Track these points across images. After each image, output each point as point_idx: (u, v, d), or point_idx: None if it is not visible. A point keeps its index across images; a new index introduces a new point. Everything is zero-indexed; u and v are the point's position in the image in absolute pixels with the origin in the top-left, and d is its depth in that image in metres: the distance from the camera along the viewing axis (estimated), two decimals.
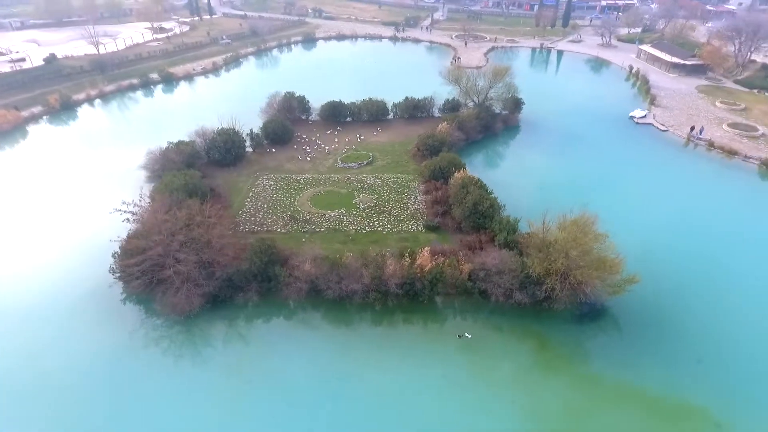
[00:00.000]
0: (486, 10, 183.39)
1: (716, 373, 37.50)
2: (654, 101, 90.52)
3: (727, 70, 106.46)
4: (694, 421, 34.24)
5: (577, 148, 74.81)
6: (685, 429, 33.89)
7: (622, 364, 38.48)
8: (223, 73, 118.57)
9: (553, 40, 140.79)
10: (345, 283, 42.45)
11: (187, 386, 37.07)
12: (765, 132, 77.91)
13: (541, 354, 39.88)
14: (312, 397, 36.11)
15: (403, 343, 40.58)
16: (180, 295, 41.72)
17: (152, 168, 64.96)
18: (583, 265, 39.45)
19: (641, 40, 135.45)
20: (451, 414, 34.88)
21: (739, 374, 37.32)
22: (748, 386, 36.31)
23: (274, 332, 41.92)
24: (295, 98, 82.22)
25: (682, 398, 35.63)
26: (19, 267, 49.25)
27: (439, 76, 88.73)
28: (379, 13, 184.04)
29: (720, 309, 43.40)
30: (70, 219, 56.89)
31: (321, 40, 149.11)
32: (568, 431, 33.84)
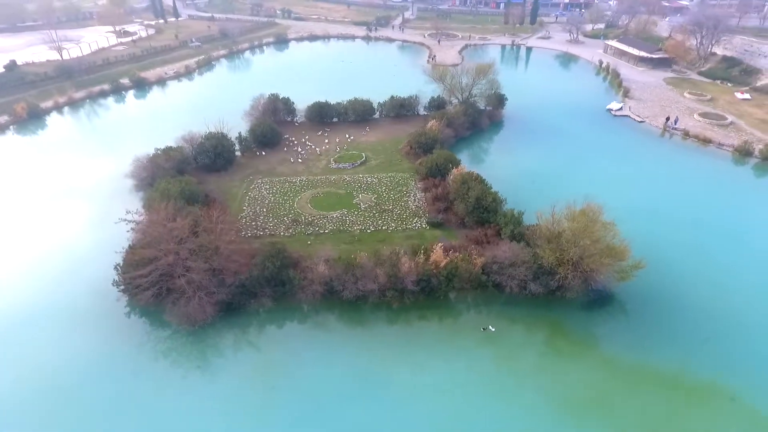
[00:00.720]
0: (454, 9, 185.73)
1: (724, 350, 39.41)
2: (628, 94, 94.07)
3: (690, 62, 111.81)
4: (709, 397, 35.90)
5: (562, 140, 76.93)
6: (702, 405, 35.49)
7: (635, 346, 39.94)
8: (197, 76, 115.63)
9: (523, 37, 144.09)
10: (361, 283, 42.28)
11: (209, 397, 36.09)
12: (734, 121, 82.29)
13: (559, 341, 40.95)
14: (339, 400, 35.87)
15: (425, 339, 40.84)
16: (192, 305, 40.56)
17: (139, 176, 62.78)
18: (595, 253, 40.66)
19: (606, 36, 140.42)
20: (481, 405, 35.36)
21: (745, 349, 39.37)
22: (755, 360, 38.34)
23: (293, 336, 41.38)
24: (280, 100, 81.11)
25: (695, 376, 37.29)
26: (11, 287, 46.66)
27: (418, 75, 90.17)
28: (349, 12, 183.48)
29: (717, 289, 45.54)
30: (57, 234, 54.43)
31: (293, 41, 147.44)
32: (595, 414, 34.86)
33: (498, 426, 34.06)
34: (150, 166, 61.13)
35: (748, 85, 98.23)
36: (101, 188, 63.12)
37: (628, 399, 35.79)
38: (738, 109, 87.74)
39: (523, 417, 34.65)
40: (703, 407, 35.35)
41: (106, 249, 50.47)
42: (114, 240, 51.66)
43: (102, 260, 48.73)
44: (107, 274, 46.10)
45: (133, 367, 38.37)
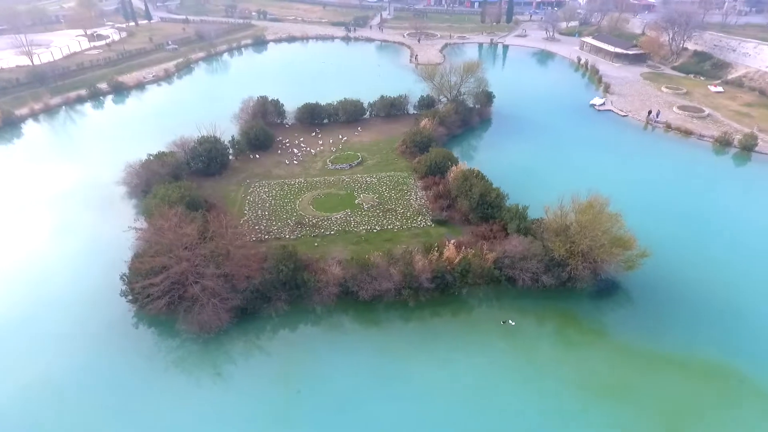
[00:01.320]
0: (430, 9, 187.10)
1: (728, 333, 41.01)
2: (608, 89, 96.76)
3: (664, 57, 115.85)
4: (720, 378, 37.32)
5: (551, 136, 78.57)
6: (714, 386, 36.89)
7: (645, 332, 41.20)
8: (176, 80, 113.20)
9: (501, 36, 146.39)
10: (377, 283, 42.28)
11: (233, 403, 35.51)
12: (710, 113, 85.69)
13: (573, 330, 41.95)
14: (365, 398, 35.93)
15: (443, 335, 41.18)
16: (207, 312, 39.79)
17: (132, 183, 61.10)
18: (604, 244, 41.78)
19: (580, 33, 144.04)
20: (504, 396, 35.95)
21: (748, 332, 41.06)
22: (759, 341, 40.05)
23: (311, 339, 41.08)
24: (270, 102, 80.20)
25: (704, 359, 38.72)
26: (6, 304, 44.81)
27: (403, 74, 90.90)
28: (325, 13, 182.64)
29: (711, 274, 47.26)
30: (51, 246, 52.69)
31: (271, 43, 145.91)
32: (614, 398, 35.82)
33: (523, 415, 34.64)
34: (144, 173, 59.47)
35: (719, 79, 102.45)
36: (90, 197, 61.22)
37: (643, 382, 36.91)
38: (713, 102, 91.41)
39: (547, 405, 35.36)
40: (714, 388, 36.75)
41: (104, 259, 49.51)
42: (111, 249, 50.77)
43: (101, 271, 47.80)
44: (109, 284, 45.21)
45: (148, 378, 37.47)
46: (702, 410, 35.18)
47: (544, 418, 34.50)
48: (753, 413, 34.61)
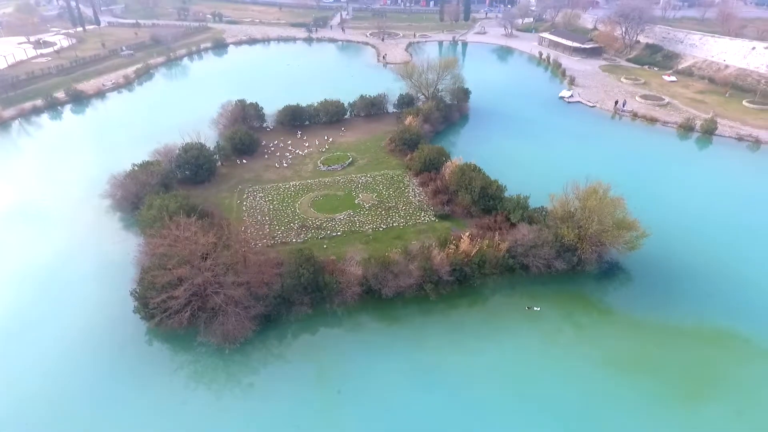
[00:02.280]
0: (388, 8, 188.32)
1: (728, 301, 44.20)
2: (574, 82, 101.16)
3: (618, 50, 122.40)
4: (727, 342, 40.26)
5: (529, 128, 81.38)
6: (723, 350, 39.71)
7: (654, 307, 43.70)
8: (138, 86, 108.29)
9: (462, 33, 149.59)
10: (399, 280, 42.55)
11: (273, 411, 34.88)
12: (670, 101, 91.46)
13: (588, 311, 43.90)
14: (403, 392, 36.14)
15: (469, 326, 42.01)
16: (230, 322, 38.75)
17: (116, 195, 58.23)
18: (611, 227, 43.98)
19: (536, 29, 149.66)
20: (535, 379, 37.15)
21: (745, 297, 44.46)
22: (757, 305, 43.48)
23: (338, 339, 40.80)
24: (250, 105, 78.45)
25: (711, 327, 41.59)
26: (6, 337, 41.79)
27: (374, 74, 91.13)
28: (282, 14, 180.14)
29: (698, 248, 50.74)
30: (38, 269, 49.21)
31: (232, 45, 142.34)
32: (639, 370, 37.80)
33: (557, 394, 35.96)
34: (131, 184, 56.68)
35: (671, 69, 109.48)
36: (69, 213, 57.86)
37: (659, 354, 39.22)
38: (669, 90, 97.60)
39: (577, 384, 36.87)
40: (724, 352, 39.57)
41: (101, 278, 47.27)
42: (106, 267, 48.67)
43: (100, 290, 45.71)
44: (113, 303, 43.62)
45: (179, 396, 36.05)
46: (716, 374, 37.77)
47: (577, 395, 35.98)
48: (761, 372, 37.55)
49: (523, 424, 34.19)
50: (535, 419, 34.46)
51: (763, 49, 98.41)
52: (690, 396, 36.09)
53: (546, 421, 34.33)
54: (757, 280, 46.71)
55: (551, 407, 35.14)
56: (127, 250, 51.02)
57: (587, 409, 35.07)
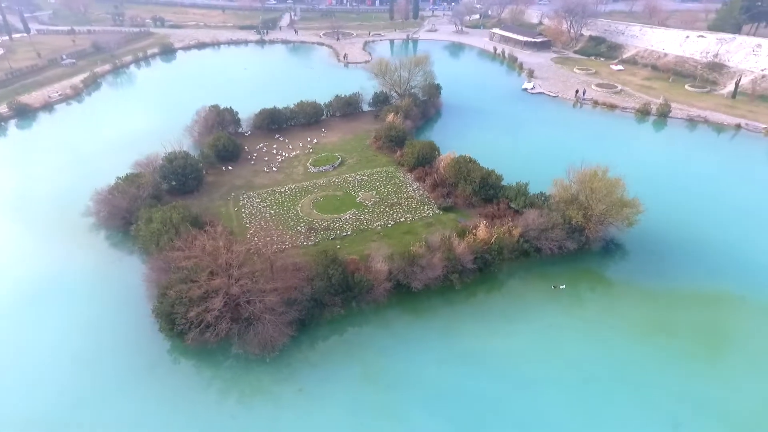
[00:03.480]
0: (336, 8, 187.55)
1: (715, 265, 48.62)
2: (532, 74, 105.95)
3: (565, 43, 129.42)
4: (726, 302, 44.35)
5: (502, 120, 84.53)
6: (724, 308, 43.73)
7: (656, 276, 47.34)
8: (87, 97, 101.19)
9: (414, 31, 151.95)
10: (427, 272, 43.23)
11: (328, 413, 34.60)
12: (622, 88, 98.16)
13: (602, 285, 46.93)
14: (451, 380, 37.13)
15: (495, 310, 43.67)
16: (267, 330, 37.80)
17: (100, 212, 54.72)
18: (616, 206, 47.01)
19: (484, 26, 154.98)
20: (569, 352, 39.56)
21: (728, 259, 49.15)
22: (747, 267, 48.09)
23: (375, 337, 40.96)
24: (226, 110, 75.94)
25: (710, 290, 45.61)
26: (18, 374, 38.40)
27: (334, 73, 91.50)
28: (227, 17, 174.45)
29: (685, 220, 55.32)
30: (42, 298, 45.53)
31: (180, 51, 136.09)
32: (656, 336, 40.86)
33: (591, 364, 38.34)
34: (119, 199, 53.32)
35: (616, 59, 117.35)
36: (51, 236, 53.48)
37: (672, 317, 42.78)
38: (619, 78, 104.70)
39: (607, 351, 39.51)
40: (725, 310, 43.61)
41: (107, 300, 44.72)
42: (107, 289, 46.22)
43: (110, 313, 43.09)
44: (126, 324, 41.84)
45: (228, 411, 34.82)
46: (723, 331, 41.63)
47: (610, 362, 38.57)
48: (761, 324, 41.72)
49: (569, 395, 36.08)
50: (578, 388, 36.51)
51: (696, 38, 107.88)
52: (706, 352, 39.54)
53: (588, 388, 36.49)
54: (734, 242, 51.81)
55: (590, 376, 37.40)
56: (127, 269, 48.71)
57: (622, 374, 37.61)
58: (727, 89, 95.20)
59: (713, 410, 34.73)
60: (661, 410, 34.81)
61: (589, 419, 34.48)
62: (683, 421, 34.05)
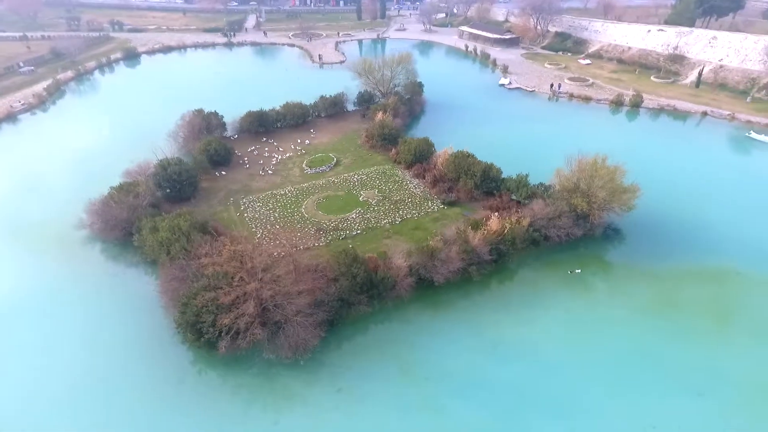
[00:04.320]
0: (301, 9, 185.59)
1: (708, 243, 51.68)
2: (507, 70, 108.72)
3: (532, 39, 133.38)
4: (724, 276, 47.34)
5: (486, 115, 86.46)
6: (725, 284, 46.58)
7: (658, 257, 49.84)
8: (53, 106, 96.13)
9: (384, 31, 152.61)
10: (448, 265, 43.91)
11: (370, 410, 34.71)
12: (593, 81, 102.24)
13: (609, 268, 49.18)
14: (483, 367, 38.04)
15: (516, 299, 44.92)
16: (297, 333, 37.43)
17: (94, 224, 52.46)
18: (618, 192, 49.19)
19: (452, 24, 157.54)
20: (590, 333, 41.38)
21: (725, 238, 52.27)
22: (736, 243, 51.34)
23: (403, 332, 41.32)
24: (212, 114, 74.11)
25: (707, 266, 48.53)
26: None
27: (312, 74, 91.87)
28: (189, 20, 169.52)
29: (674, 203, 58.37)
30: (49, 321, 43.40)
31: (145, 55, 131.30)
32: (667, 312, 43.18)
33: (611, 344, 40.25)
34: (117, 209, 51.20)
35: (583, 53, 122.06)
36: (46, 252, 50.82)
37: (678, 294, 45.34)
38: (588, 72, 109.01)
39: (624, 330, 41.49)
40: (726, 285, 46.50)
41: (117, 314, 43.19)
42: (115, 303, 44.47)
43: (123, 329, 41.68)
44: (140, 337, 40.77)
45: (269, 417, 34.33)
46: (727, 305, 44.34)
47: (628, 340, 40.54)
48: (761, 297, 44.74)
49: (594, 374, 37.69)
50: (602, 367, 38.23)
51: (656, 32, 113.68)
52: (714, 325, 42.05)
53: (611, 366, 38.27)
54: (720, 220, 55.31)
55: (611, 354, 39.33)
56: (132, 281, 47.26)
57: (640, 350, 39.58)
58: (689, 79, 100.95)
59: (730, 378, 37.04)
60: (684, 381, 36.89)
61: (618, 394, 36.08)
62: (705, 390, 36.17)
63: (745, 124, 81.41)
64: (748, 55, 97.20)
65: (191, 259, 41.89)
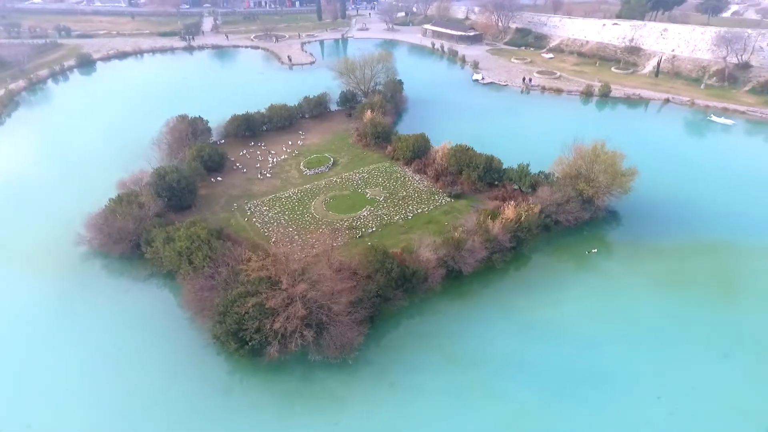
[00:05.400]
0: (259, 10, 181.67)
1: (704, 221, 55.32)
2: (477, 66, 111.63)
3: (494, 36, 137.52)
4: (719, 248, 50.96)
5: (467, 110, 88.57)
6: (723, 255, 50.05)
7: (659, 235, 53.11)
8: (8, 119, 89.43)
9: (347, 30, 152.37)
10: (475, 255, 45.03)
11: (429, 400, 35.23)
12: (560, 74, 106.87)
13: (618, 248, 51.89)
14: (524, 352, 39.54)
15: (538, 283, 46.68)
16: (342, 332, 37.30)
17: (94, 239, 49.79)
18: (619, 176, 52.07)
19: (413, 22, 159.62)
20: (616, 308, 43.90)
21: (714, 215, 56.24)
22: (725, 218, 55.42)
23: (440, 323, 42.09)
24: (197, 120, 71.70)
25: (704, 240, 52.09)
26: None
27: (285, 76, 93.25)
28: (139, 24, 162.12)
29: (664, 184, 62.13)
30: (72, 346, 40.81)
31: (100, 62, 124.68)
32: (676, 286, 46.17)
33: (635, 317, 42.69)
34: (122, 221, 48.71)
35: (544, 48, 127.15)
36: (39, 271, 47.66)
37: (684, 268, 48.66)
38: (553, 66, 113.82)
39: (642, 304, 44.16)
40: (724, 257, 50.07)
41: (135, 332, 41.44)
42: (138, 319, 42.69)
43: (143, 346, 40.05)
44: (170, 355, 39.33)
45: (331, 417, 34.00)
46: (729, 274, 47.77)
47: (647, 313, 43.23)
48: (758, 265, 48.69)
49: (626, 345, 40.02)
50: (631, 337, 40.74)
51: (611, 26, 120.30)
52: (720, 295, 45.23)
53: (639, 335, 40.88)
54: (706, 197, 59.54)
55: (637, 325, 42.01)
56: (145, 296, 45.54)
57: (661, 319, 42.37)
58: (647, 69, 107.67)
59: (749, 341, 40.01)
60: (708, 344, 39.81)
61: (653, 361, 38.47)
62: (729, 352, 39.13)
63: (704, 109, 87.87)
64: (697, 45, 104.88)
65: (219, 266, 40.74)
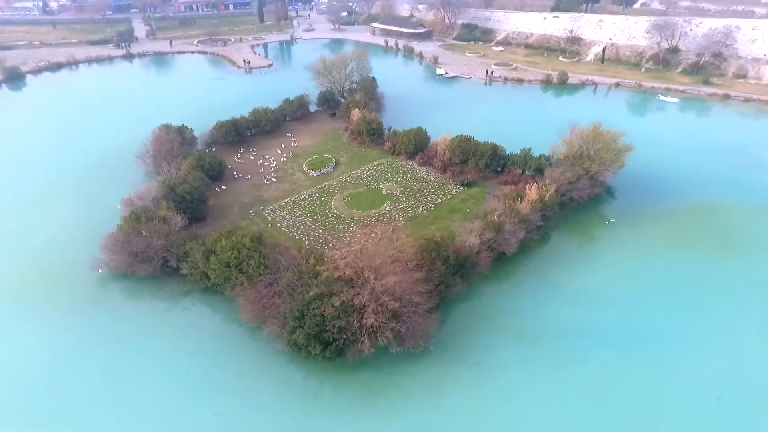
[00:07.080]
0: (195, 14, 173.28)
1: (689, 188, 61.50)
2: (437, 61, 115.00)
3: (442, 32, 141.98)
4: (720, 212, 56.71)
5: (442, 103, 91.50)
6: (718, 219, 55.70)
7: (656, 202, 58.57)
8: None
9: (293, 32, 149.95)
10: (515, 235, 47.43)
11: (507, 373, 37.02)
12: (516, 65, 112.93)
13: (627, 217, 56.29)
14: (578, 322, 42.45)
15: (568, 257, 50.63)
16: (419, 323, 38.05)
17: (111, 261, 46.41)
18: (619, 153, 56.87)
19: (357, 21, 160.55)
20: (635, 274, 48.22)
21: (695, 181, 62.80)
22: (725, 187, 61.45)
23: (497, 302, 44.38)
24: (185, 128, 68.19)
25: (696, 204, 57.99)
26: None
27: (239, 80, 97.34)
28: (63, 33, 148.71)
29: (645, 157, 67.94)
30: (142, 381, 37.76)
31: (30, 75, 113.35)
32: (678, 245, 51.46)
33: (654, 278, 47.27)
34: (149, 239, 45.62)
35: (492, 42, 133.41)
36: (58, 303, 43.80)
37: (687, 229, 54.30)
38: (506, 58, 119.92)
39: (663, 265, 48.78)
40: (721, 217, 55.99)
41: (195, 357, 39.96)
42: (195, 338, 40.89)
43: (210, 371, 38.80)
44: (237, 376, 38.37)
45: (431, 401, 34.83)
46: (727, 232, 53.53)
47: (667, 273, 48.11)
48: (752, 223, 55.17)
49: (662, 303, 44.28)
50: (663, 296, 45.13)
51: (552, 18, 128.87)
52: (723, 252, 50.58)
53: (668, 293, 45.49)
54: (682, 166, 66.25)
55: (663, 285, 46.50)
56: (192, 313, 43.75)
57: (680, 277, 47.30)
58: (589, 57, 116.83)
59: (764, 295, 45.47)
60: (728, 294, 44.91)
61: (687, 314, 42.96)
62: (746, 299, 44.45)
63: (651, 90, 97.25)
64: (632, 33, 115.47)
65: (278, 272, 39.83)
